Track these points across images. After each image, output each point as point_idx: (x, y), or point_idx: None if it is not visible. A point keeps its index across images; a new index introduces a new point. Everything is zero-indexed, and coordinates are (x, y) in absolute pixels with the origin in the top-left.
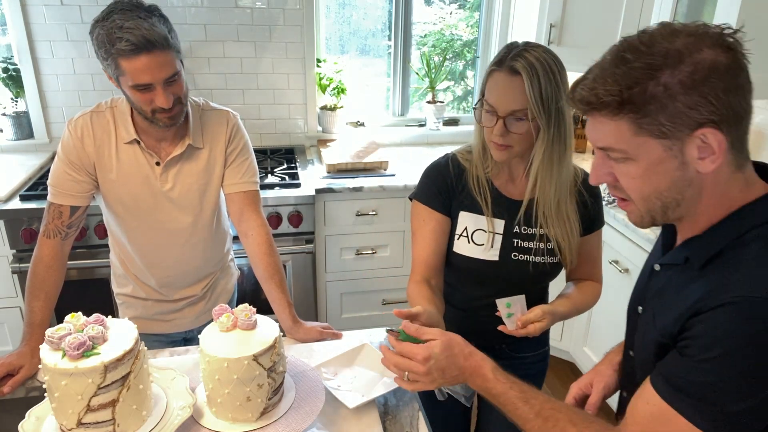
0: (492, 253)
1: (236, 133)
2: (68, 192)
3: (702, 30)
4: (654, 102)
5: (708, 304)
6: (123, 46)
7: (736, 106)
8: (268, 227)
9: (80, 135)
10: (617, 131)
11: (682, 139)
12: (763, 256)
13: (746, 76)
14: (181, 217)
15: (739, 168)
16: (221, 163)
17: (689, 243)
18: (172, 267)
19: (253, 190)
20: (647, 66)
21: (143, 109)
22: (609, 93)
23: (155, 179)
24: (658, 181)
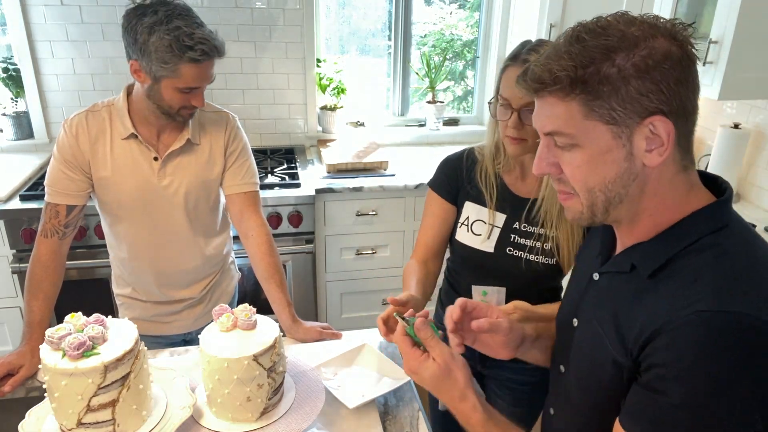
0: (488, 244)
1: (236, 134)
2: (64, 191)
3: (657, 21)
4: (607, 83)
5: (671, 321)
6: (196, 55)
7: (686, 100)
8: (268, 228)
9: (75, 133)
10: (567, 113)
11: (632, 127)
12: (721, 265)
13: (695, 72)
14: (179, 214)
15: (683, 169)
16: (221, 163)
17: (635, 249)
18: (170, 266)
19: (253, 190)
20: (603, 46)
21: (171, 107)
22: (563, 69)
23: (153, 175)
24: (604, 172)
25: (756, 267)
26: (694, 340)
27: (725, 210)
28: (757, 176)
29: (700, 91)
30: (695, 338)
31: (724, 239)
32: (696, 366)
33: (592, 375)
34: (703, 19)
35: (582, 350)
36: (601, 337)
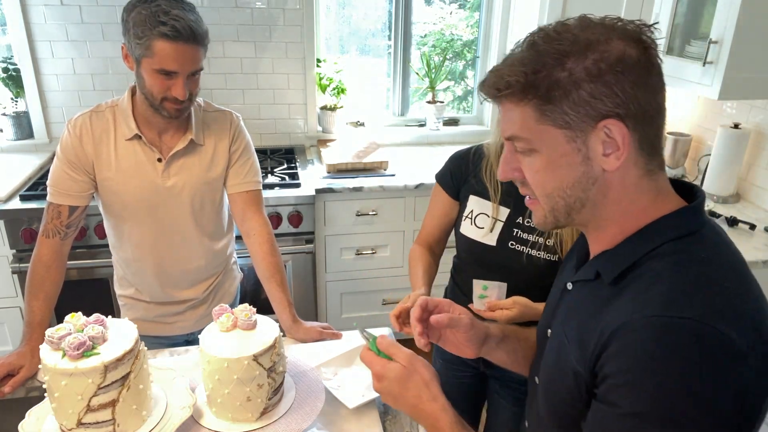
0: (490, 238)
1: (239, 133)
2: (67, 192)
3: (617, 23)
4: (558, 88)
5: (622, 327)
6: (166, 30)
7: (645, 103)
8: (270, 227)
9: (79, 134)
10: (522, 118)
11: (586, 131)
12: (680, 270)
13: (658, 74)
14: (183, 215)
15: (649, 174)
16: (224, 163)
17: (600, 257)
18: (174, 267)
19: (256, 189)
20: (555, 51)
21: (154, 96)
22: (515, 74)
23: (157, 176)
24: (562, 177)
25: (716, 275)
26: (642, 347)
27: (695, 216)
28: (757, 176)
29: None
30: (643, 344)
31: (690, 245)
32: (643, 373)
33: (554, 386)
34: (703, 19)
35: (549, 361)
36: (565, 347)
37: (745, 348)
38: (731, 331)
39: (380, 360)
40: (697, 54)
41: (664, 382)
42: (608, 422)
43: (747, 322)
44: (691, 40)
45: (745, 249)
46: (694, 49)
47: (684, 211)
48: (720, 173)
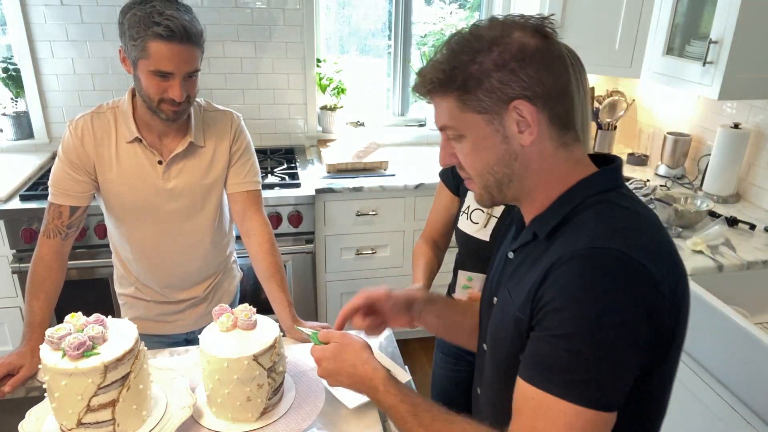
0: (484, 232)
1: (240, 133)
2: (68, 192)
3: (518, 20)
4: (472, 79)
5: (554, 264)
6: (160, 30)
7: (549, 84)
8: (270, 227)
9: (80, 135)
10: (448, 109)
11: (501, 113)
12: (602, 215)
13: (559, 58)
14: (184, 217)
15: (564, 146)
16: (225, 163)
17: (534, 221)
18: (174, 267)
19: (256, 189)
20: (467, 49)
21: (151, 98)
22: (435, 72)
23: (158, 178)
24: (487, 156)
25: (635, 220)
26: (570, 275)
27: (613, 176)
28: (757, 176)
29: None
30: (571, 272)
31: (610, 198)
32: (572, 296)
33: (499, 343)
34: (703, 19)
35: (495, 322)
36: (509, 302)
37: (659, 277)
38: (647, 261)
39: (318, 347)
40: (697, 54)
41: (588, 304)
42: (541, 346)
43: (660, 257)
44: (691, 40)
45: (745, 249)
46: (694, 49)
47: (602, 172)
48: (720, 173)
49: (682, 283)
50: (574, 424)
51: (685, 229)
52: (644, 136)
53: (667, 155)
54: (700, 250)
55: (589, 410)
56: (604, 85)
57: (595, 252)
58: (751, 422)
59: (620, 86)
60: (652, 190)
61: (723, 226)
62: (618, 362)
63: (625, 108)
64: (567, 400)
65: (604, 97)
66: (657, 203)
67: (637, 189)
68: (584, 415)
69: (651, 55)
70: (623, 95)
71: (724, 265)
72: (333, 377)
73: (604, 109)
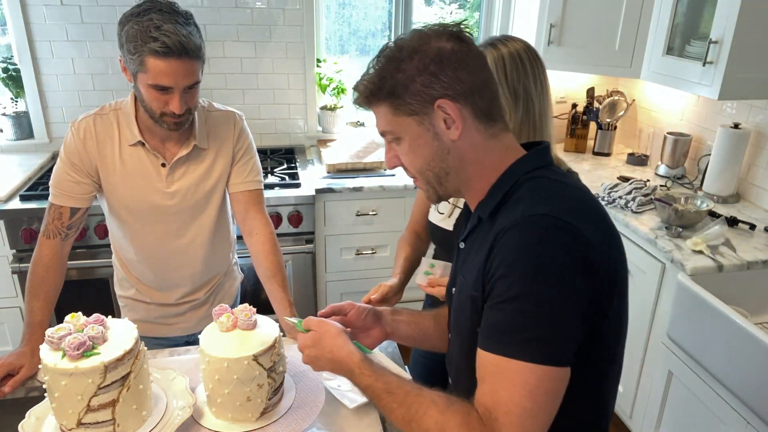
0: (448, 222)
1: (243, 132)
2: (69, 193)
3: (437, 28)
4: (399, 86)
5: (498, 236)
6: (156, 46)
7: (468, 82)
8: (272, 226)
9: (83, 137)
10: (384, 115)
11: (428, 113)
12: (534, 188)
13: (476, 58)
14: (186, 218)
15: (493, 137)
16: (227, 164)
17: (477, 207)
18: (177, 269)
19: (258, 189)
20: (393, 60)
21: (152, 109)
22: (367, 84)
23: (161, 181)
24: (423, 153)
25: (565, 190)
26: (510, 243)
27: (542, 155)
28: (757, 176)
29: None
30: (511, 241)
31: (541, 173)
32: (513, 262)
33: (461, 325)
34: (703, 19)
35: (456, 308)
36: (464, 285)
37: (587, 234)
38: (575, 221)
39: (301, 335)
40: (697, 54)
41: (528, 266)
42: (494, 314)
43: (587, 218)
44: (691, 40)
45: (745, 249)
46: (694, 49)
47: (531, 153)
48: (720, 173)
49: (614, 242)
50: (529, 381)
51: (685, 229)
52: (644, 136)
53: (667, 155)
54: (700, 250)
55: (542, 366)
56: (604, 85)
57: (529, 219)
58: (751, 422)
59: (620, 86)
60: (652, 190)
61: (723, 226)
62: (562, 316)
63: (625, 108)
64: (521, 359)
65: (604, 97)
66: (657, 203)
67: (637, 189)
68: (538, 372)
69: (651, 55)
70: (623, 95)
71: (724, 265)
72: (315, 363)
73: (604, 109)
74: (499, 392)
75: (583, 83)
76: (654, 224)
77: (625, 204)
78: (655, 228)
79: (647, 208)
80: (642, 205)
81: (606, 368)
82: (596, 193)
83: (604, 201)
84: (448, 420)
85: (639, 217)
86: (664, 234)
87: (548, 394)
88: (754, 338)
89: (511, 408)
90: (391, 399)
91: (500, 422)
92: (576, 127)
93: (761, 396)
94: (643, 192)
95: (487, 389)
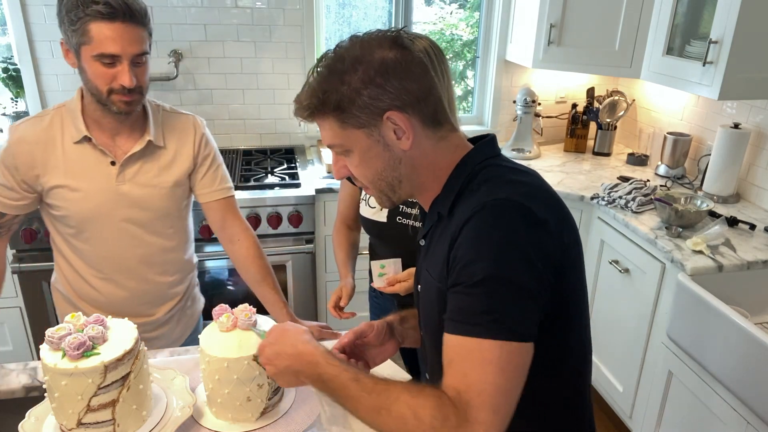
0: (381, 215)
1: (206, 139)
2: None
3: (376, 35)
4: (345, 99)
5: (460, 227)
6: (100, 7)
7: (414, 90)
8: (252, 231)
9: (20, 142)
10: (330, 129)
11: (377, 125)
12: (489, 177)
13: (418, 64)
14: (141, 224)
15: (442, 139)
16: (187, 168)
17: (434, 204)
18: (133, 284)
19: (231, 195)
20: (335, 72)
21: (99, 88)
22: (310, 99)
23: (110, 181)
24: (375, 165)
25: (516, 175)
26: (471, 231)
27: (489, 147)
28: (757, 176)
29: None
30: (472, 228)
31: (493, 164)
32: (476, 247)
33: (429, 318)
34: (703, 19)
35: (424, 303)
36: (429, 280)
37: (542, 216)
38: (532, 205)
39: (261, 341)
40: (697, 54)
41: (489, 249)
42: (459, 299)
43: (541, 201)
44: (691, 40)
45: (745, 249)
46: (694, 49)
47: (479, 146)
48: (720, 173)
49: (566, 222)
50: (501, 358)
51: (685, 229)
52: (644, 136)
53: (667, 155)
54: (700, 250)
55: (512, 343)
56: (604, 85)
57: (489, 204)
58: (751, 422)
59: (620, 86)
60: (652, 190)
61: (723, 226)
62: (527, 293)
63: (625, 108)
64: (487, 338)
65: (604, 97)
66: (657, 203)
67: (637, 189)
68: (507, 348)
69: (651, 55)
70: (623, 95)
71: (724, 265)
72: (273, 363)
73: (604, 109)
74: (469, 374)
75: (583, 83)
76: (654, 224)
77: (625, 204)
78: (655, 228)
79: (647, 208)
80: (642, 205)
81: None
82: (596, 193)
83: (604, 201)
84: (422, 404)
85: (639, 217)
86: (664, 234)
87: (518, 370)
88: (754, 338)
89: (484, 387)
90: (359, 387)
91: (473, 404)
92: (576, 127)
93: (761, 396)
94: (643, 192)
95: (456, 372)
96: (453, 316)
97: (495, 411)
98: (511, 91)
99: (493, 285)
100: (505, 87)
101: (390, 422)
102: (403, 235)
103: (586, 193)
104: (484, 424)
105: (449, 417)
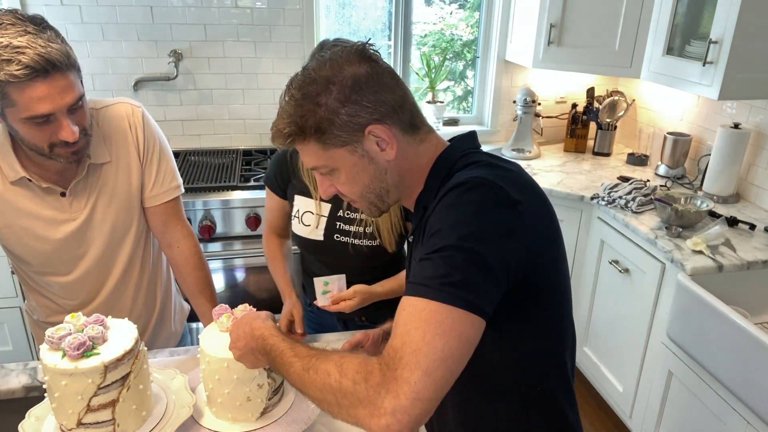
0: (317, 233)
1: (143, 128)
2: None
3: (343, 52)
4: (324, 121)
5: (434, 208)
6: (16, 71)
7: (389, 101)
8: (195, 237)
9: None
10: (313, 152)
11: (360, 141)
12: (469, 164)
13: (388, 75)
14: (107, 247)
15: (421, 142)
16: (137, 171)
17: (419, 200)
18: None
19: (177, 196)
20: (308, 96)
21: (39, 146)
22: (287, 125)
23: (64, 213)
24: (362, 180)
25: (492, 160)
26: (443, 205)
27: (469, 140)
28: (757, 176)
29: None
30: (443, 203)
31: (472, 154)
32: (444, 218)
33: None
34: (703, 19)
35: None
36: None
37: (514, 197)
38: (505, 186)
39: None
40: (697, 54)
41: (456, 218)
42: (422, 264)
43: (516, 184)
44: (691, 40)
45: (745, 249)
46: (694, 49)
47: (458, 138)
48: (720, 173)
49: (541, 205)
50: (445, 321)
51: (685, 229)
52: (644, 136)
53: (667, 155)
54: (700, 250)
55: (460, 310)
56: (604, 85)
57: (462, 182)
58: (751, 422)
59: (620, 86)
60: (652, 190)
61: (723, 226)
62: (486, 266)
63: (625, 108)
64: (439, 300)
65: (604, 97)
66: (657, 203)
67: (637, 189)
68: (455, 314)
69: (651, 55)
70: (623, 95)
71: (724, 265)
72: (236, 346)
73: (604, 109)
74: (411, 332)
75: (583, 83)
76: (654, 224)
77: (625, 204)
78: (655, 228)
79: (647, 208)
80: (642, 205)
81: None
82: (596, 193)
83: (604, 201)
84: (348, 361)
85: (639, 217)
86: (664, 234)
87: (461, 339)
88: (754, 338)
89: (421, 346)
90: (292, 354)
91: (404, 361)
92: (576, 127)
93: (761, 396)
94: (643, 192)
95: (400, 331)
96: (411, 279)
97: (427, 373)
98: (511, 91)
99: (452, 252)
100: (505, 87)
101: (316, 379)
102: (344, 253)
103: (586, 193)
104: (409, 383)
105: (373, 372)
